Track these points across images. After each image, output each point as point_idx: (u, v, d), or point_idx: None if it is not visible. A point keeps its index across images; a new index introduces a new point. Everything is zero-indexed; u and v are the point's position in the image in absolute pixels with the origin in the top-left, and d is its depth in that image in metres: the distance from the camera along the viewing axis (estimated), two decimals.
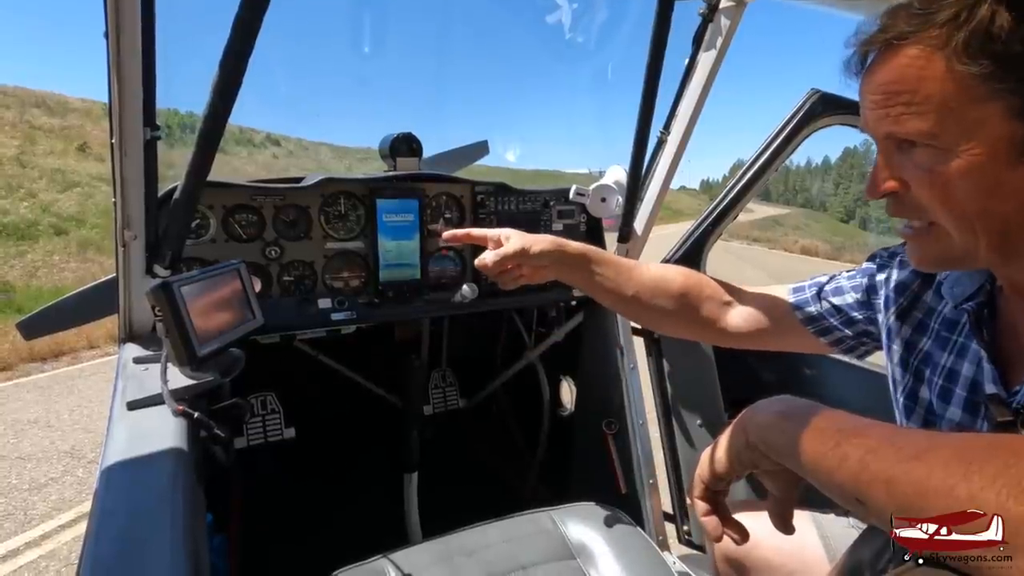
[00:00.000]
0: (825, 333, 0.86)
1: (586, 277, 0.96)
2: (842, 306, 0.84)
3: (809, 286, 0.89)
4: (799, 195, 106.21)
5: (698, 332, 0.99)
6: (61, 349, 5.86)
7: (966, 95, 0.50)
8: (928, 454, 0.39)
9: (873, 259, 0.83)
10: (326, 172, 1.39)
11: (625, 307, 0.99)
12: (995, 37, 0.48)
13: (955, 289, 0.67)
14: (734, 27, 1.26)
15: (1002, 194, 0.51)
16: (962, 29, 0.49)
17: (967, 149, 0.51)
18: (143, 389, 0.95)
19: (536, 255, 0.92)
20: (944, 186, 0.53)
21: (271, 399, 1.97)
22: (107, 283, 1.35)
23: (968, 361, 0.64)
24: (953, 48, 0.50)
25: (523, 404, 2.17)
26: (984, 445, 0.38)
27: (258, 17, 0.80)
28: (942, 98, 0.51)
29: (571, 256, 0.95)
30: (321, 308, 1.34)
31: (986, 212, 0.52)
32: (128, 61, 0.84)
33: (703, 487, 0.62)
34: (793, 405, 0.53)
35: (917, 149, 0.54)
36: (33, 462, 3.46)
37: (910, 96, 0.52)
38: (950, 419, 0.65)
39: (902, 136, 0.54)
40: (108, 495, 0.74)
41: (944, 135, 0.51)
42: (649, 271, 0.98)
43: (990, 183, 0.51)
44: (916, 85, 0.52)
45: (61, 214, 11.05)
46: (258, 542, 1.68)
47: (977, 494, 0.35)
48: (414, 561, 1.01)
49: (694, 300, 0.95)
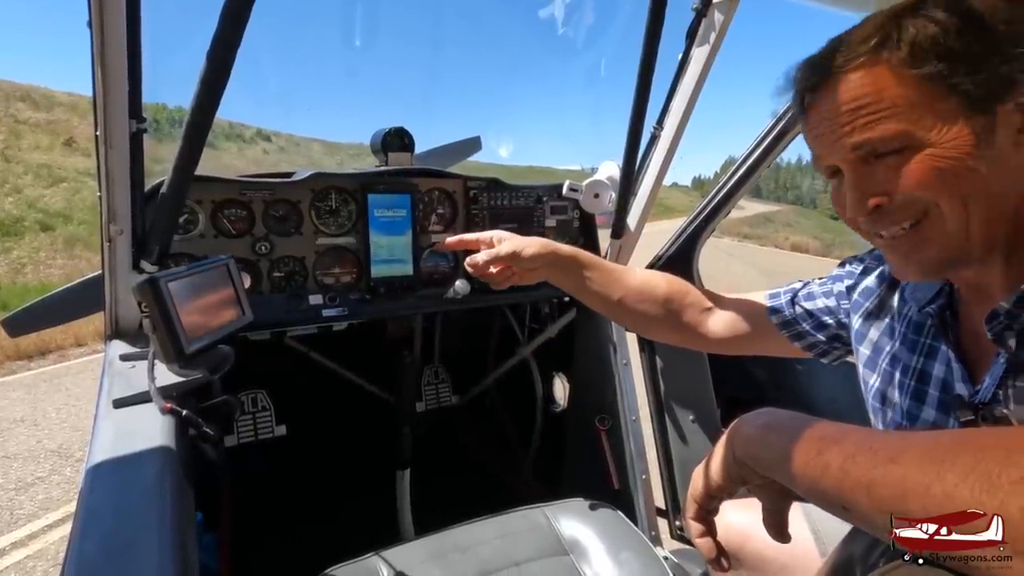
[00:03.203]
0: (799, 338, 0.90)
1: (575, 280, 0.99)
2: (814, 311, 0.87)
3: (784, 292, 0.92)
4: (790, 192, 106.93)
5: (680, 337, 1.01)
6: (48, 347, 5.78)
7: (925, 94, 0.53)
8: (902, 456, 0.40)
9: (843, 265, 0.86)
10: (317, 167, 1.38)
11: (612, 310, 1.02)
12: (934, 38, 0.52)
13: (917, 293, 0.69)
14: (727, 22, 1.26)
15: (977, 180, 0.53)
16: (902, 40, 0.53)
17: (940, 139, 0.53)
18: (130, 387, 0.93)
19: (528, 258, 0.95)
20: (929, 173, 0.54)
21: (262, 396, 1.95)
22: (94, 279, 1.33)
23: (938, 362, 0.66)
24: (899, 59, 0.53)
25: (516, 400, 2.17)
26: (953, 443, 0.39)
27: (247, 7, 0.79)
28: (906, 100, 0.54)
29: (562, 259, 0.97)
30: (312, 304, 1.33)
31: (973, 191, 0.54)
32: (113, 51, 0.82)
33: (697, 507, 0.62)
34: (776, 417, 0.53)
35: (888, 156, 0.56)
36: (19, 461, 3.41)
37: (874, 106, 0.55)
38: (925, 419, 0.67)
39: (876, 141, 0.55)
40: (94, 494, 0.73)
41: (917, 130, 0.54)
42: (635, 276, 1.01)
43: (965, 170, 0.53)
44: (876, 96, 0.54)
45: (47, 210, 10.90)
46: (249, 540, 1.67)
47: (952, 491, 0.36)
48: (407, 558, 1.01)
49: (677, 306, 0.98)
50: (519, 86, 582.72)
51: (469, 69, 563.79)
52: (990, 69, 0.51)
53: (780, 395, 1.59)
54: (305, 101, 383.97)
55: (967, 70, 0.52)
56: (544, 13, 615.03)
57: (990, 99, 0.52)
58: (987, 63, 0.51)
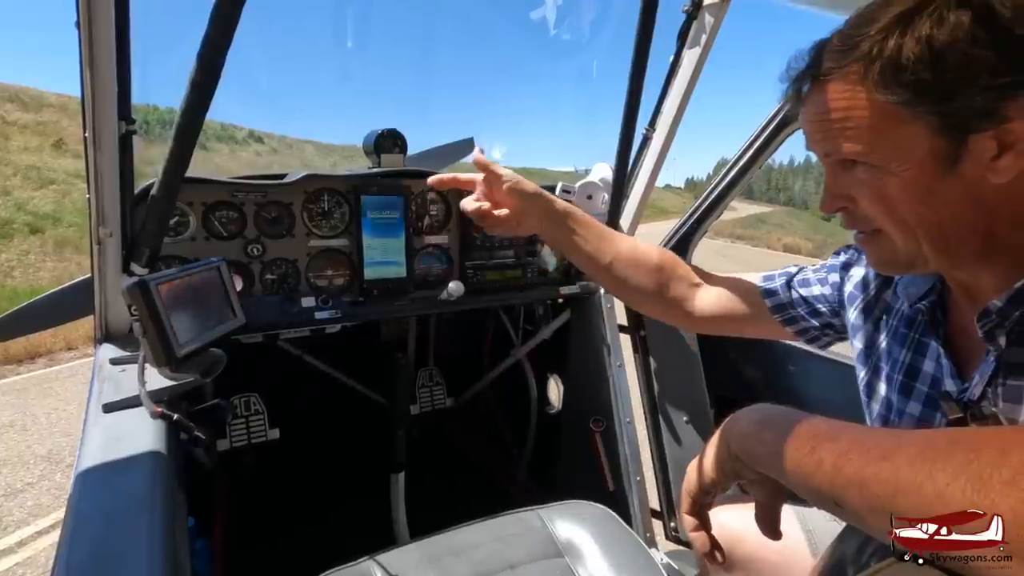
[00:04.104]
0: (791, 323, 0.90)
1: (567, 235, 0.94)
2: (809, 298, 0.87)
3: (779, 275, 0.91)
4: (782, 193, 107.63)
5: (666, 310, 0.99)
6: (37, 351, 5.71)
7: (890, 120, 0.54)
8: (895, 454, 0.40)
9: (838, 255, 0.86)
10: (309, 169, 1.37)
11: (599, 273, 0.98)
12: (904, 67, 0.52)
13: (910, 289, 0.70)
14: (718, 24, 1.27)
15: (936, 203, 0.55)
16: (876, 62, 0.53)
17: (899, 167, 0.55)
18: (120, 391, 0.92)
19: (530, 193, 0.90)
20: (884, 199, 0.57)
21: (254, 400, 1.94)
22: (84, 282, 1.31)
23: (928, 358, 0.66)
24: (872, 80, 0.54)
25: (510, 402, 2.16)
26: (945, 442, 0.39)
27: (237, 7, 0.78)
28: (871, 123, 0.55)
29: (556, 211, 0.93)
30: (305, 307, 1.32)
31: (924, 220, 0.56)
32: (101, 52, 0.81)
33: (691, 501, 0.63)
34: (770, 414, 0.53)
35: (857, 167, 0.58)
36: (8, 467, 3.37)
37: (842, 123, 0.56)
38: (910, 413, 0.67)
39: (841, 154, 0.58)
40: (83, 500, 0.72)
41: (877, 155, 0.56)
42: (627, 242, 0.98)
43: (924, 194, 0.55)
44: (846, 114, 0.56)
45: (37, 212, 10.78)
46: (242, 545, 1.66)
47: (943, 491, 0.36)
48: (401, 562, 1.00)
49: (665, 278, 0.96)
50: (512, 88, 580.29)
51: (462, 71, 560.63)
52: (965, 99, 0.51)
53: (773, 396, 1.59)
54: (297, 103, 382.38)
55: (936, 99, 0.51)
56: (536, 15, 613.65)
57: (960, 128, 0.52)
58: (961, 94, 0.51)
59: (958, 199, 0.55)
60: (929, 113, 0.52)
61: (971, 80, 0.50)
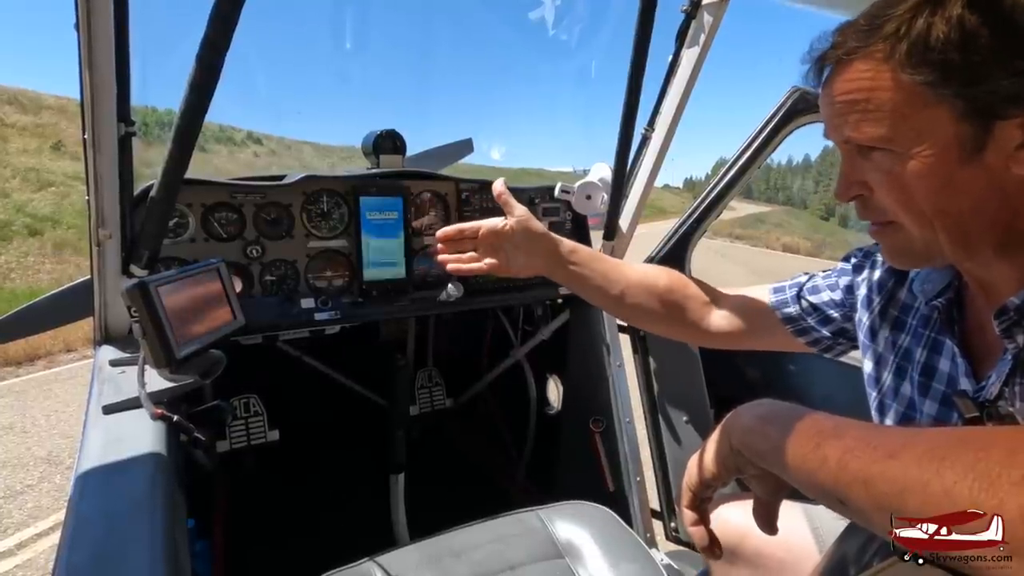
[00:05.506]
0: (803, 333, 0.89)
1: (574, 273, 0.96)
2: (819, 305, 0.86)
3: (789, 286, 0.90)
4: (780, 193, 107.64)
5: (681, 332, 1.00)
6: (36, 352, 5.70)
7: (915, 102, 0.53)
8: (902, 452, 0.40)
9: (848, 259, 0.85)
10: (308, 170, 1.37)
11: (611, 305, 1.00)
12: (933, 47, 0.50)
13: (926, 286, 0.69)
14: (717, 24, 1.27)
15: (956, 192, 0.54)
16: (903, 41, 0.52)
17: (920, 151, 0.53)
18: (120, 392, 0.92)
19: (536, 232, 0.93)
20: (902, 187, 0.55)
21: (254, 401, 1.93)
22: (83, 284, 1.31)
23: (943, 356, 0.65)
24: (898, 60, 0.52)
25: (510, 403, 2.16)
26: (955, 441, 0.38)
27: (236, 9, 0.78)
28: (893, 106, 0.53)
29: (562, 252, 0.95)
30: (304, 308, 1.32)
31: (942, 210, 0.55)
32: (100, 53, 0.81)
33: (691, 496, 0.62)
34: (774, 409, 0.53)
35: (875, 153, 0.56)
36: (8, 469, 3.36)
37: (864, 105, 0.55)
38: (928, 413, 0.66)
39: (860, 142, 0.57)
40: (83, 502, 0.72)
41: (898, 139, 0.54)
42: (635, 270, 0.99)
43: (944, 182, 0.53)
44: (869, 95, 0.55)
45: (36, 214, 10.77)
46: (242, 546, 1.65)
47: (951, 489, 0.36)
48: (401, 563, 1.00)
49: (678, 300, 0.97)
50: (510, 88, 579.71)
51: (460, 72, 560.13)
52: (992, 83, 0.50)
53: (772, 396, 1.59)
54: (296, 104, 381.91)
55: (963, 82, 0.50)
56: (535, 15, 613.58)
57: (986, 114, 0.51)
58: (990, 77, 0.50)
59: (979, 189, 0.53)
60: (955, 96, 0.51)
61: (1001, 64, 0.49)
